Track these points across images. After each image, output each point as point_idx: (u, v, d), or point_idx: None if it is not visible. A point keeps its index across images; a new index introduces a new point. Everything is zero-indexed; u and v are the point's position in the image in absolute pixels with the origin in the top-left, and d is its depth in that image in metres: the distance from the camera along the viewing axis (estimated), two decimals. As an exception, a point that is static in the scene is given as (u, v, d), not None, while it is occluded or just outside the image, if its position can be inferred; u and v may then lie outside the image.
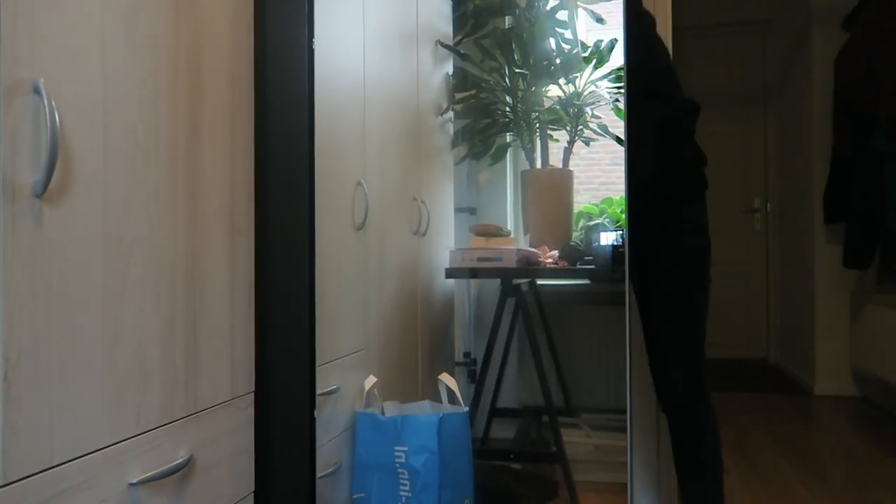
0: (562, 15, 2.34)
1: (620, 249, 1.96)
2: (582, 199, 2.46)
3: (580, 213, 2.42)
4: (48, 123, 0.77)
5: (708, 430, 1.58)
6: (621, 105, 2.28)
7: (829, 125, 3.57)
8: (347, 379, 1.55)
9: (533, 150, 2.40)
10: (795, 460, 2.53)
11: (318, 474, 1.34)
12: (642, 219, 1.52)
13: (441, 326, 2.31)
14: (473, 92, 2.44)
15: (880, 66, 2.95)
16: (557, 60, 2.35)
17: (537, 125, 2.40)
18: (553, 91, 2.40)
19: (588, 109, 2.34)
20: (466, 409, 1.64)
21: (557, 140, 2.42)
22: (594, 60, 2.30)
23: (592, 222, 2.33)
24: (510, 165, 2.56)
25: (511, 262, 2.07)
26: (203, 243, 1.11)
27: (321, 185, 1.36)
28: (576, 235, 2.35)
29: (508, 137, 2.49)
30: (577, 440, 2.31)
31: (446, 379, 1.74)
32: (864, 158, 3.15)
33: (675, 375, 1.59)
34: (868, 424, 3.08)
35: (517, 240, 2.50)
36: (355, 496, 1.55)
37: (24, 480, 0.75)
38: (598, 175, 2.60)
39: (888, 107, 2.86)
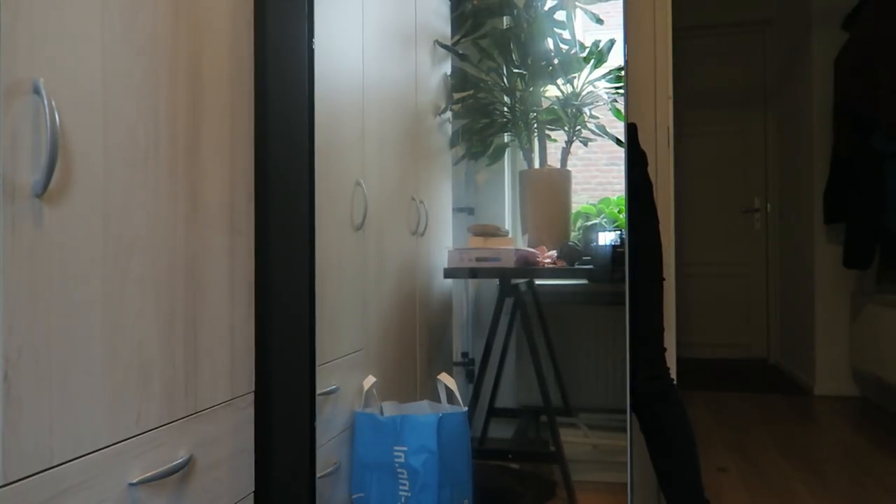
0: (560, 15, 2.34)
1: (618, 249, 1.96)
2: (580, 199, 2.46)
3: (578, 213, 2.42)
4: (48, 123, 0.78)
5: (670, 428, 1.59)
6: (619, 105, 2.28)
7: (829, 125, 3.56)
8: (346, 379, 1.56)
9: (531, 150, 2.40)
10: (795, 460, 2.53)
11: (318, 474, 1.34)
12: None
13: (439, 326, 2.31)
14: (472, 92, 2.44)
15: (880, 66, 2.95)
16: (556, 60, 2.36)
17: (535, 125, 2.41)
18: (551, 91, 2.40)
19: (586, 110, 2.34)
20: (465, 408, 1.64)
21: (555, 140, 2.42)
22: (592, 61, 2.30)
23: (590, 222, 2.33)
24: (508, 165, 2.56)
25: (509, 262, 2.07)
26: (203, 243, 1.11)
27: (320, 185, 1.36)
28: (574, 235, 2.35)
29: (506, 137, 2.49)
30: (575, 440, 2.31)
31: (445, 379, 1.74)
32: (864, 158, 3.15)
33: (638, 373, 1.60)
34: (868, 424, 3.08)
35: (515, 240, 2.50)
36: (355, 496, 1.55)
37: (24, 480, 0.75)
38: (596, 175, 2.60)
39: (888, 107, 2.86)
